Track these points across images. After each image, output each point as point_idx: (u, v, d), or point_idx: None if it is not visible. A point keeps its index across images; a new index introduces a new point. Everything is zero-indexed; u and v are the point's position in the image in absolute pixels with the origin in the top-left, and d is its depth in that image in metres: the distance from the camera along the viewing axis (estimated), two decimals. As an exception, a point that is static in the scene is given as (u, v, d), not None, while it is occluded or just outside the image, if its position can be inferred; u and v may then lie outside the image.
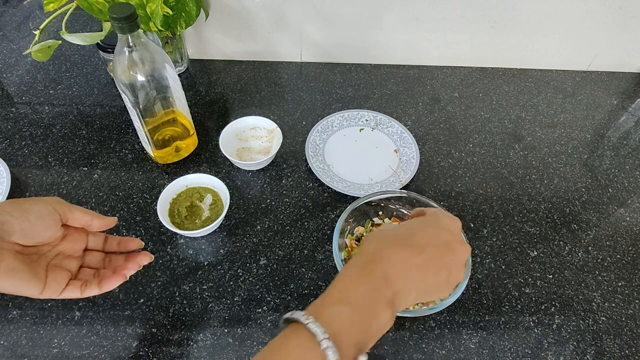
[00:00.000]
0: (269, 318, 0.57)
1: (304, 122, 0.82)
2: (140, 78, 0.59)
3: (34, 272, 0.40)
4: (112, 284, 0.44)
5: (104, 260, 0.47)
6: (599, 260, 0.65)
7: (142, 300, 0.57)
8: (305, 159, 0.74)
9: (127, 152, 0.74)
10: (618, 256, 0.66)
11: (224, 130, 0.73)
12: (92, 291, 0.43)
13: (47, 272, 0.41)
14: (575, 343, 0.57)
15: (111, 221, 0.46)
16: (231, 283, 0.60)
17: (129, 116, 0.67)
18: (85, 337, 0.54)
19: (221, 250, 0.63)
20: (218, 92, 0.87)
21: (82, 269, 0.45)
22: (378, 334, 0.36)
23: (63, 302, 0.57)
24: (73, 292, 0.42)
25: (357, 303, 0.36)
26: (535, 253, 0.66)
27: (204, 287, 0.59)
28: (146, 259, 0.47)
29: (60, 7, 0.67)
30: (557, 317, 0.59)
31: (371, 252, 0.40)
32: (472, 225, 0.68)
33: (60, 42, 0.70)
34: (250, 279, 0.60)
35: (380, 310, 0.36)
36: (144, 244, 0.49)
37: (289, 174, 0.73)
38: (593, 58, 0.95)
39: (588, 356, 0.56)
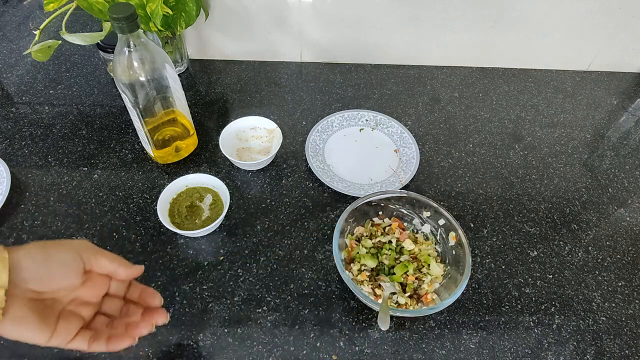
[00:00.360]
0: (269, 318, 0.57)
1: (304, 122, 0.82)
2: (141, 78, 0.59)
3: (44, 321, 0.38)
4: (120, 345, 0.41)
5: (122, 309, 0.45)
6: (599, 260, 0.65)
7: (142, 300, 0.57)
8: (305, 159, 0.74)
9: (127, 152, 0.75)
10: (618, 256, 0.66)
11: (224, 130, 0.73)
12: (99, 347, 0.41)
13: (58, 320, 0.39)
14: (575, 343, 0.57)
15: (137, 271, 0.43)
16: (231, 283, 0.60)
17: (129, 116, 0.67)
18: (85, 337, 0.54)
19: (221, 250, 0.63)
20: (218, 92, 0.87)
21: (97, 316, 0.43)
22: None
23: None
24: (80, 344, 0.40)
25: None
26: (535, 253, 0.66)
27: (204, 287, 0.59)
28: (162, 319, 0.44)
29: (60, 7, 0.67)
30: (557, 317, 0.59)
31: None
32: (472, 225, 0.68)
33: (60, 42, 0.70)
34: (250, 279, 0.60)
35: None
36: (163, 300, 0.46)
37: (289, 174, 0.73)
38: (593, 58, 0.95)
39: (588, 356, 0.56)
